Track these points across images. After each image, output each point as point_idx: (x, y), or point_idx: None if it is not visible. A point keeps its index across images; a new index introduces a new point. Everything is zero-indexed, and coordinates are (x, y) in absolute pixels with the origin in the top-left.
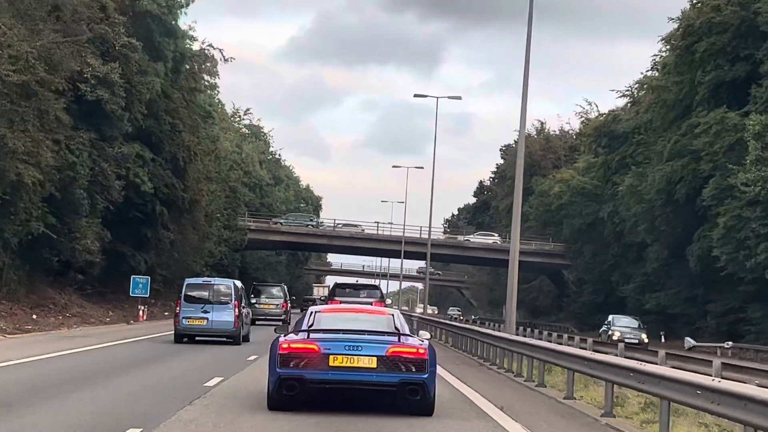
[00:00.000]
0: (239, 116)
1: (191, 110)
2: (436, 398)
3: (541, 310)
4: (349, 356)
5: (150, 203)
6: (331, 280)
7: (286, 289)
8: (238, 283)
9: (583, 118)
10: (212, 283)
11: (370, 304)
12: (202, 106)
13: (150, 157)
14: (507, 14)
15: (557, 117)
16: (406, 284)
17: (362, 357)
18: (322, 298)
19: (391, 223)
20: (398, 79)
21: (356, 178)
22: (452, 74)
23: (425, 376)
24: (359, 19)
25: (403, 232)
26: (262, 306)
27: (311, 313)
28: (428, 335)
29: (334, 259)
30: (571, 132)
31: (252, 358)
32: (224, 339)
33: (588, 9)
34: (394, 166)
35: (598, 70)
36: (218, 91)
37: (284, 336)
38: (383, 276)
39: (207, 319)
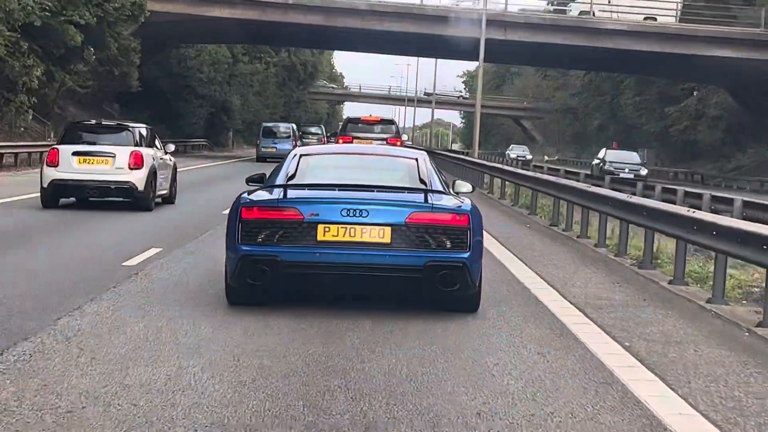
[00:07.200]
0: None
1: None
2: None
3: (703, 150)
4: (349, 226)
5: None
6: (349, 109)
7: (323, 129)
8: (293, 126)
9: None
10: (279, 125)
11: (384, 141)
12: None
13: None
14: None
15: None
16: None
17: (369, 227)
18: None
19: None
20: None
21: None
22: None
23: (466, 255)
24: None
25: None
26: (308, 141)
27: (294, 157)
28: (469, 187)
29: (351, 79)
30: None
31: None
32: None
33: None
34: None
35: None
36: None
37: (250, 194)
38: (426, 102)
39: (276, 147)
